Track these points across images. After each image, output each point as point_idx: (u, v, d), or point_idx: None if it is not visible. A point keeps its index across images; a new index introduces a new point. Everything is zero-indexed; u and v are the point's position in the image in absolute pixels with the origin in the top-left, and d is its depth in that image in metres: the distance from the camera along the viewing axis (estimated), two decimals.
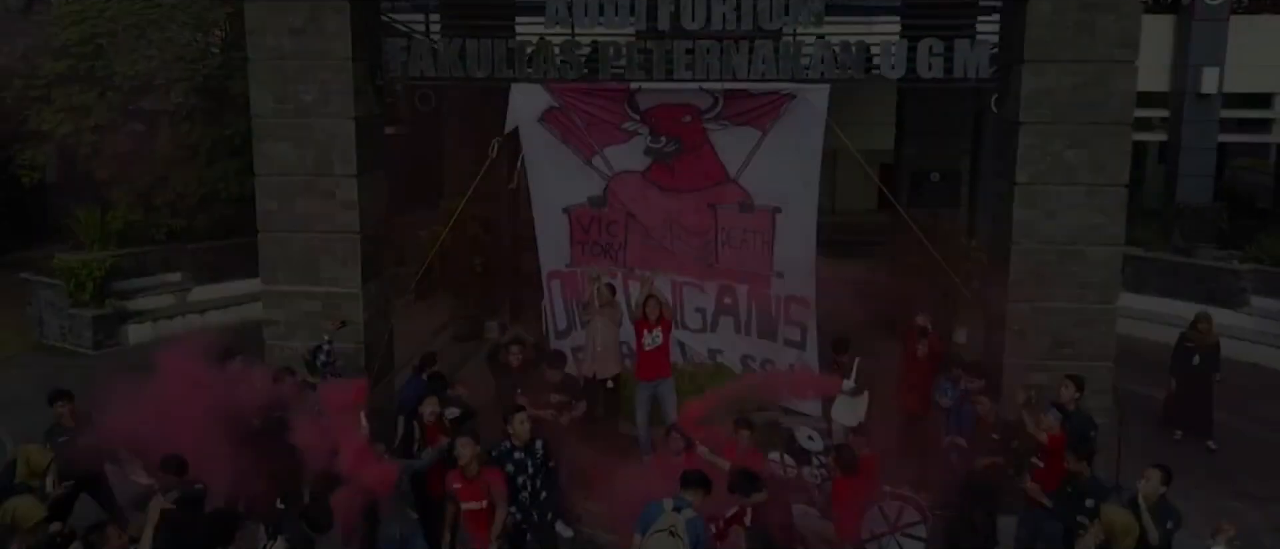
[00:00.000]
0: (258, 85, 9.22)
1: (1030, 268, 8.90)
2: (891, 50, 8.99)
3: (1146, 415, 11.95)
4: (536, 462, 7.43)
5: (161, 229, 15.20)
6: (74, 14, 14.27)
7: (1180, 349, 11.41)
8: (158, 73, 13.96)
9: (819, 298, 10.34)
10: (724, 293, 10.46)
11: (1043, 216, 8.81)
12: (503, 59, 9.24)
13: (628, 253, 10.33)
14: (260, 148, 9.33)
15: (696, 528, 6.40)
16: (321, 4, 8.97)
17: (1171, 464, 7.41)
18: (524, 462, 7.37)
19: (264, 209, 9.42)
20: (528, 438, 7.39)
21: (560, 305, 10.61)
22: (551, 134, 9.70)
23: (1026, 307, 8.97)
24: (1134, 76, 8.69)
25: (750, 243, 10.12)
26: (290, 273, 9.46)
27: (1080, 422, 8.51)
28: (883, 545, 8.29)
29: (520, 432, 7.36)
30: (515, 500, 7.31)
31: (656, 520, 6.39)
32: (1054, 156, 8.71)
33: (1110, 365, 9.12)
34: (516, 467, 7.35)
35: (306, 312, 9.49)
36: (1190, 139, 17.25)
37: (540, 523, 7.52)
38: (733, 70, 9.02)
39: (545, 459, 7.50)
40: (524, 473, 7.37)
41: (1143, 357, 14.20)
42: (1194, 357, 11.18)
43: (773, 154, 9.59)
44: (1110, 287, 8.95)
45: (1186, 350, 11.30)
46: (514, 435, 7.36)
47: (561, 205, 10.21)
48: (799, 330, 10.20)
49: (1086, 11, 8.49)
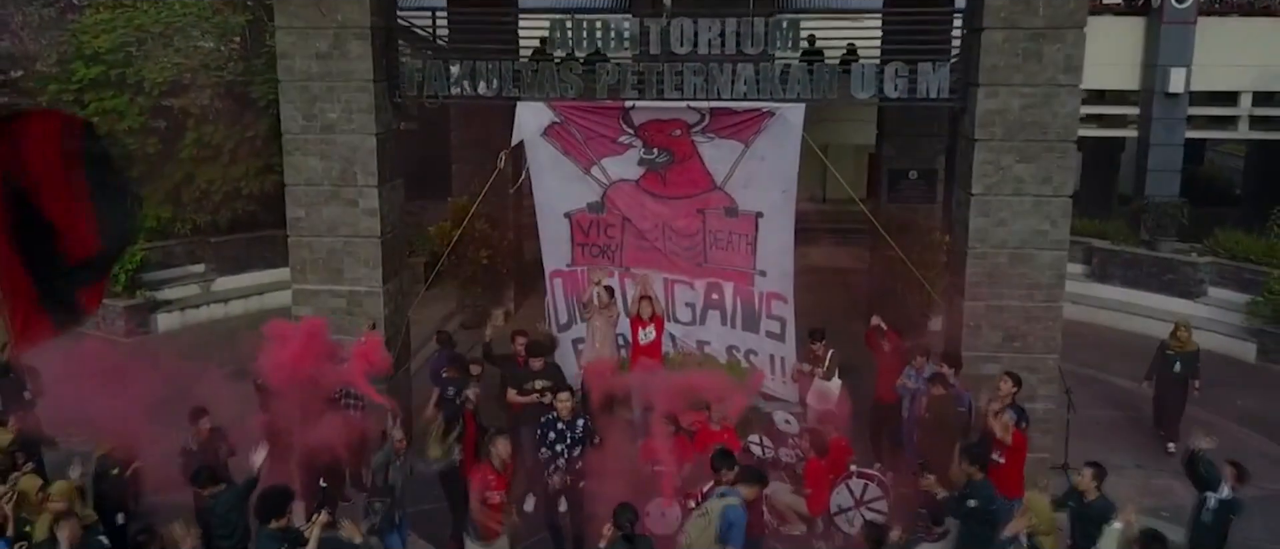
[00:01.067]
0: (288, 104, 10.18)
1: (984, 270, 9.89)
2: (862, 72, 9.95)
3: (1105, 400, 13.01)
4: (576, 435, 8.55)
5: (187, 224, 16.17)
6: (105, 22, 15.19)
7: (1160, 356, 11.64)
8: (184, 78, 14.90)
9: (809, 284, 11.30)
10: (711, 289, 11.45)
11: (995, 224, 9.79)
12: (509, 79, 10.22)
13: (624, 254, 11.30)
14: (289, 160, 10.30)
15: (731, 515, 7.20)
16: (345, 31, 9.91)
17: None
18: (564, 432, 8.51)
19: (293, 216, 10.41)
20: (571, 415, 8.55)
21: (561, 301, 11.60)
22: (554, 146, 10.65)
23: (981, 305, 9.98)
24: (1077, 98, 9.63)
25: (735, 244, 11.10)
26: (317, 273, 10.45)
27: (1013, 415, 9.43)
28: (849, 518, 9.31)
29: (564, 409, 8.53)
30: (555, 464, 8.43)
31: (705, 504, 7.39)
32: (1005, 170, 9.68)
33: (1057, 357, 10.11)
34: (557, 436, 8.51)
35: (332, 308, 10.48)
36: (1159, 136, 18.19)
37: (574, 486, 8.55)
38: (717, 90, 10.00)
39: (584, 433, 8.60)
40: (563, 442, 8.51)
41: (1106, 345, 15.31)
42: (1175, 363, 11.41)
43: (754, 164, 10.54)
44: (1056, 286, 9.93)
45: (1166, 358, 11.52)
46: (560, 411, 8.53)
47: (563, 211, 11.18)
48: (779, 323, 11.19)
49: (1034, 41, 9.43)
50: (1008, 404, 8.99)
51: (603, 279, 10.55)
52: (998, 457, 8.78)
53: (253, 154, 15.60)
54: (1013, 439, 8.74)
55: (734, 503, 7.36)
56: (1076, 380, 13.37)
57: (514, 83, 10.22)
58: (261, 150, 15.56)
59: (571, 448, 8.55)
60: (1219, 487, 8.09)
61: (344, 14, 9.85)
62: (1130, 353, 14.80)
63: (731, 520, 7.25)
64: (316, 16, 9.83)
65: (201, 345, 14.28)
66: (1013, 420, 8.90)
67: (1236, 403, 11.74)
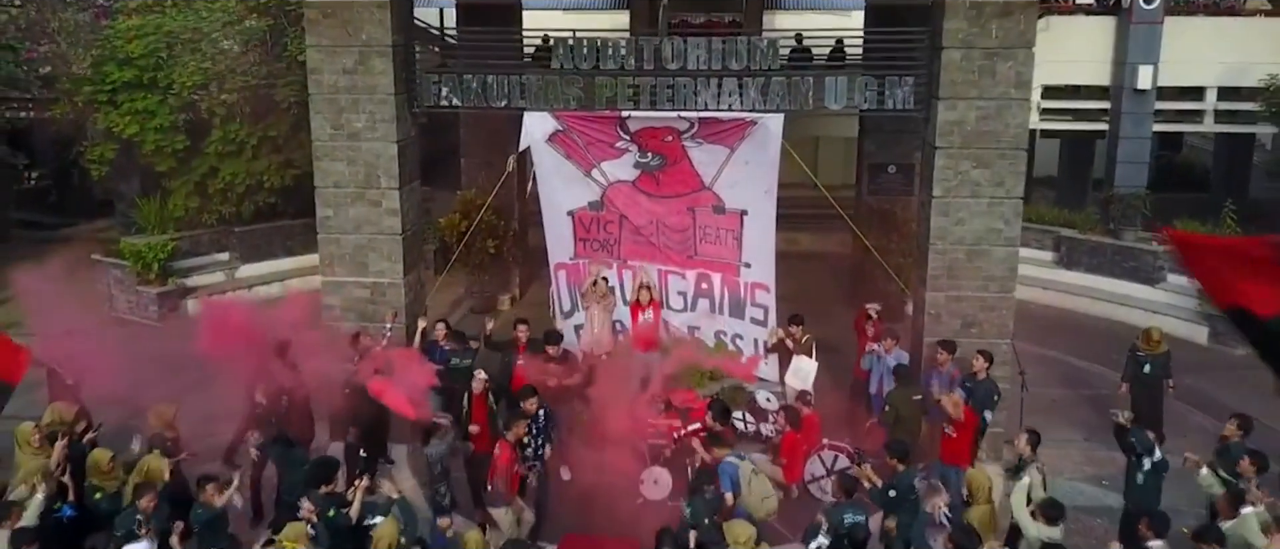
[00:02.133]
0: (317, 114, 11.28)
1: (944, 264, 11.02)
2: (835, 85, 11.03)
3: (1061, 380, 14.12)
4: (539, 426, 9.64)
5: (214, 215, 17.26)
6: (137, 29, 16.24)
7: (1132, 358, 11.98)
8: (211, 81, 15.97)
9: (797, 268, 12.39)
10: (701, 279, 12.58)
11: (954, 223, 10.91)
12: (517, 92, 11.33)
13: (621, 247, 12.43)
14: (319, 165, 11.41)
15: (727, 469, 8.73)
16: (369, 49, 10.99)
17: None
18: (530, 427, 9.56)
19: (322, 215, 11.53)
20: (535, 410, 9.61)
21: (565, 291, 12.74)
22: (558, 151, 11.76)
23: (942, 295, 11.11)
24: (1026, 110, 10.70)
25: (723, 239, 12.22)
26: (344, 267, 11.59)
27: (986, 388, 10.65)
28: (821, 486, 10.48)
29: (529, 408, 9.57)
30: (524, 454, 9.52)
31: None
32: (963, 175, 10.78)
33: (1010, 342, 11.24)
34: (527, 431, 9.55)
35: (357, 298, 11.64)
36: (1127, 129, 19.20)
37: (542, 469, 9.72)
38: (705, 102, 11.09)
39: (546, 423, 9.71)
40: (530, 434, 9.59)
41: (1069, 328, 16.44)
42: (1145, 365, 11.75)
43: (739, 167, 11.64)
44: (1009, 279, 11.05)
45: (1138, 359, 11.85)
46: (526, 409, 9.55)
47: (566, 209, 12.30)
48: (762, 310, 12.33)
49: (988, 59, 10.50)
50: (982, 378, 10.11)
51: (601, 272, 11.68)
52: (950, 430, 9.95)
53: (274, 150, 16.67)
54: (962, 415, 9.89)
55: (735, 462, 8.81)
56: (1038, 361, 14.58)
57: (521, 95, 11.32)
58: (282, 147, 16.65)
59: (536, 438, 9.60)
60: (1153, 451, 9.17)
61: (367, 33, 10.93)
62: (1091, 335, 16.02)
63: (729, 474, 8.64)
64: (343, 36, 10.92)
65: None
66: (962, 397, 10.06)
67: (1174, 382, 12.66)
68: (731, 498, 8.63)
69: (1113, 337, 15.77)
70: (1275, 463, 9.11)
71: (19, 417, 9.58)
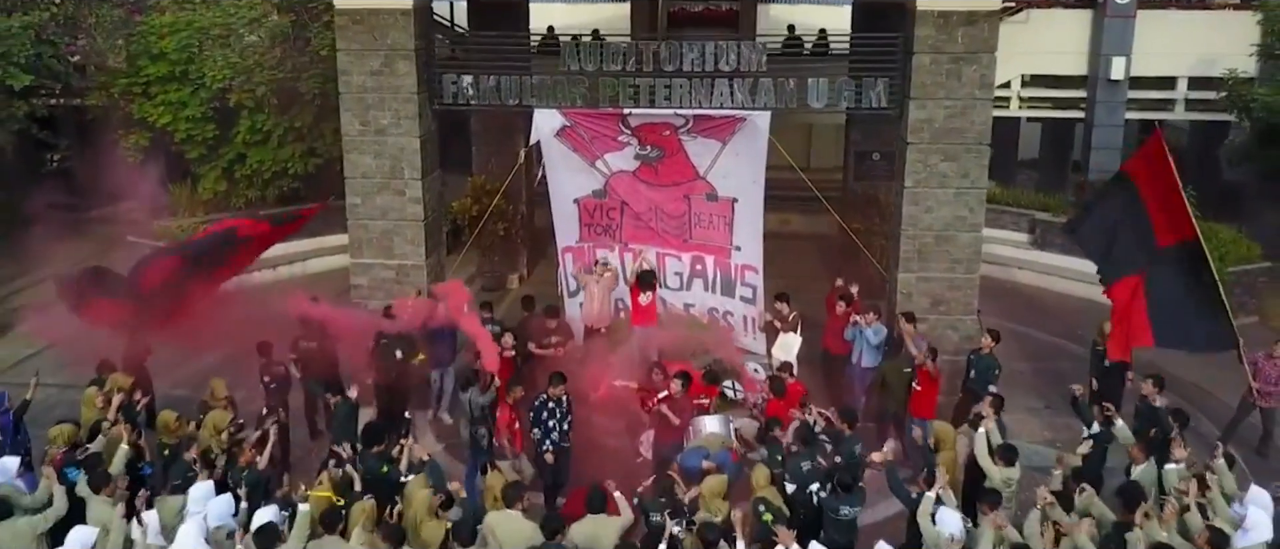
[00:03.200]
0: (346, 111, 12.41)
1: (915, 248, 12.19)
2: (817, 86, 12.14)
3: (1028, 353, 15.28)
4: (563, 409, 10.62)
5: (241, 199, 18.40)
6: (169, 25, 17.32)
7: (1094, 352, 12.53)
8: (239, 74, 17.07)
9: (788, 248, 13.47)
10: (696, 261, 13.72)
11: (924, 211, 12.07)
12: (528, 91, 12.44)
13: (623, 232, 13.57)
14: (349, 158, 12.56)
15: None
16: (394, 53, 12.11)
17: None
18: (555, 409, 10.54)
19: (351, 203, 12.69)
20: (560, 394, 10.57)
21: (570, 273, 13.90)
22: (565, 145, 12.88)
23: (913, 276, 12.29)
24: (990, 109, 11.82)
25: (715, 224, 13.36)
26: (371, 250, 12.76)
27: (988, 362, 11.66)
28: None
29: (556, 392, 10.52)
30: (548, 434, 10.54)
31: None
32: (932, 168, 11.92)
33: (975, 317, 12.41)
34: (550, 412, 10.51)
35: (383, 278, 12.82)
36: (1102, 117, 20.37)
37: (562, 448, 10.66)
38: (699, 100, 12.21)
39: (568, 407, 10.69)
40: (555, 417, 10.55)
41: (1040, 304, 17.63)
42: (1102, 360, 12.19)
43: (731, 159, 12.75)
44: (974, 261, 12.24)
45: (1098, 353, 12.35)
46: (551, 394, 10.50)
47: (573, 197, 13.44)
48: (751, 290, 13.48)
49: (955, 63, 11.62)
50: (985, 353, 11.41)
51: (605, 257, 12.89)
52: (917, 386, 11.15)
53: (298, 139, 17.80)
54: (933, 375, 11.08)
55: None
56: (1009, 336, 15.69)
57: (531, 94, 12.44)
58: (305, 136, 17.77)
59: (561, 421, 10.49)
60: (1092, 424, 10.34)
61: (393, 38, 12.05)
62: (1060, 312, 17.20)
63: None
64: (371, 41, 12.04)
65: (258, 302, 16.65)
66: (932, 359, 11.23)
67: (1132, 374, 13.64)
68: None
69: (1080, 313, 16.98)
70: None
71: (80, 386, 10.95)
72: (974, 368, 11.51)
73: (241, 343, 11.68)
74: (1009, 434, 10.36)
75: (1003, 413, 11.43)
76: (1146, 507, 7.87)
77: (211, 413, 9.95)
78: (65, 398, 11.86)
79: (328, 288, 14.99)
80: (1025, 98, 21.27)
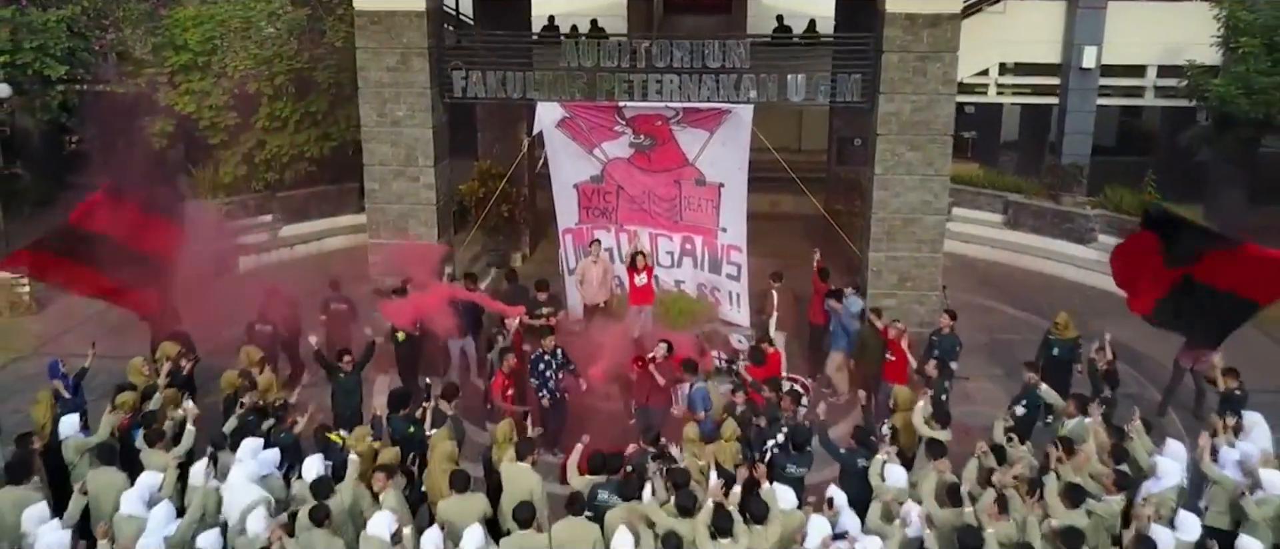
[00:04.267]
0: (365, 104, 13.56)
1: (884, 230, 13.37)
2: (795, 81, 13.27)
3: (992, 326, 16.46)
4: (557, 360, 11.95)
5: (260, 182, 19.54)
6: (193, 18, 18.42)
7: (1044, 342, 12.91)
8: (259, 65, 18.19)
9: (778, 227, 14.63)
10: (686, 241, 14.88)
11: (892, 196, 13.24)
12: (531, 85, 13.58)
13: (619, 214, 14.74)
14: (367, 147, 13.72)
15: (699, 392, 11.02)
16: (409, 51, 13.25)
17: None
18: (551, 362, 11.86)
19: (369, 188, 13.86)
20: (552, 346, 11.91)
21: (571, 252, 15.06)
22: (565, 134, 14.03)
23: (883, 255, 13.47)
24: (952, 104, 12.97)
25: (703, 207, 14.51)
26: (388, 231, 13.95)
27: (950, 341, 12.72)
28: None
29: (547, 346, 11.86)
30: (546, 384, 11.89)
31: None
32: (899, 156, 13.09)
33: (938, 293, 13.61)
34: (546, 364, 11.86)
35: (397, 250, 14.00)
36: (1074, 104, 21.44)
37: (559, 398, 12.02)
38: (688, 94, 13.35)
39: (563, 359, 12.00)
40: (551, 369, 11.89)
41: (1009, 281, 18.81)
42: (1054, 348, 12.59)
43: (717, 147, 13.89)
44: (937, 242, 13.43)
45: (1048, 343, 12.75)
46: (545, 347, 11.84)
47: (572, 182, 14.59)
48: (736, 268, 14.64)
49: (921, 61, 12.75)
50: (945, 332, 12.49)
51: (599, 240, 14.13)
52: (891, 357, 12.34)
53: (314, 125, 18.93)
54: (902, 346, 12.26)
55: (701, 385, 11.15)
56: (978, 310, 17.05)
57: (534, 88, 13.59)
58: (320, 122, 18.90)
59: (556, 372, 11.82)
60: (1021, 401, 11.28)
61: (408, 38, 13.19)
62: (1028, 288, 18.38)
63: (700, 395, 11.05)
64: (388, 41, 13.18)
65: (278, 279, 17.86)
66: (899, 332, 12.40)
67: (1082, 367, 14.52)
68: (702, 415, 11.02)
69: (1047, 289, 18.24)
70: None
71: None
72: (937, 347, 12.61)
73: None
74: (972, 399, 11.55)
75: (967, 380, 12.74)
76: (1058, 453, 9.08)
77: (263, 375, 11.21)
78: (102, 366, 12.97)
79: (343, 266, 16.15)
80: (1002, 85, 22.36)
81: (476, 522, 8.35)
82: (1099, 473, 9.09)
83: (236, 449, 9.36)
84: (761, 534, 8.04)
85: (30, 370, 14.45)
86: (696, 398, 11.10)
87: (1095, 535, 8.74)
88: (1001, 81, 22.31)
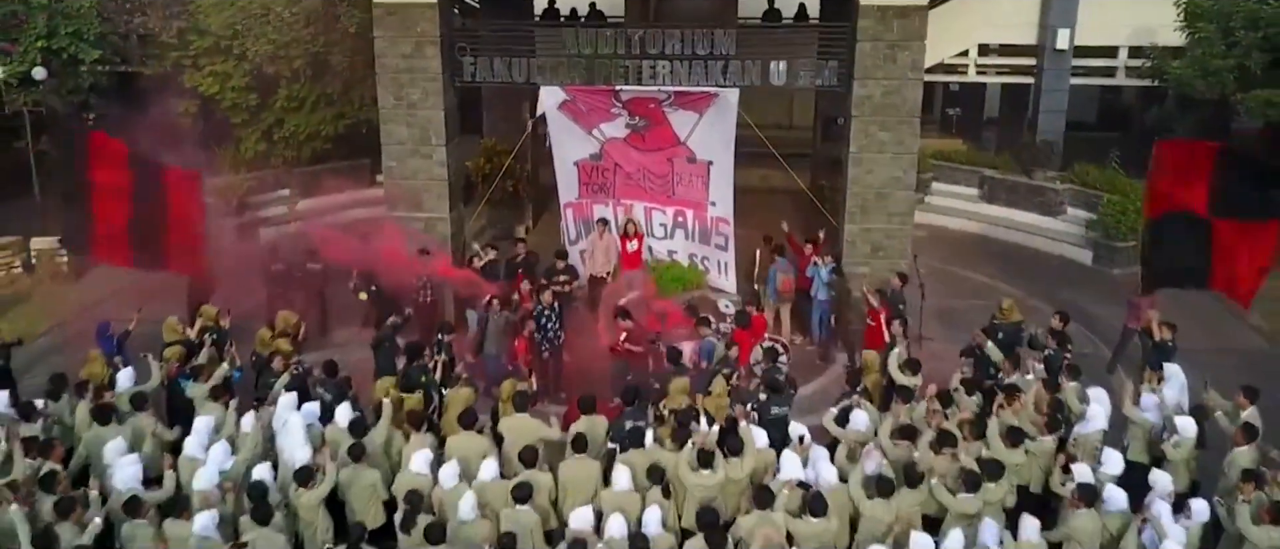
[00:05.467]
0: (383, 89, 14.73)
1: (859, 204, 14.58)
2: (777, 67, 14.43)
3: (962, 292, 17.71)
4: (556, 314, 13.29)
5: (278, 158, 20.74)
6: (215, 4, 19.55)
7: (990, 327, 13.03)
8: (279, 49, 19.33)
9: (768, 201, 16.02)
10: (678, 214, 16.12)
11: (866, 173, 14.44)
12: (535, 70, 14.75)
13: (616, 189, 15.96)
14: (385, 128, 14.90)
15: (707, 345, 12.34)
16: (423, 40, 14.39)
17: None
18: (550, 315, 13.23)
19: (387, 165, 15.06)
20: (551, 303, 13.24)
21: (572, 224, 16.31)
22: (566, 116, 15.21)
23: (857, 227, 14.70)
24: (920, 88, 14.09)
25: (694, 183, 15.73)
26: (404, 205, 15.14)
27: (896, 297, 14.08)
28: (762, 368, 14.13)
29: (546, 300, 13.20)
30: (547, 336, 13.21)
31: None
32: (872, 136, 14.28)
33: (909, 261, 14.84)
34: (547, 318, 13.22)
35: (414, 229, 15.20)
36: (1049, 83, 22.56)
37: (557, 347, 13.36)
38: (679, 79, 14.51)
39: (559, 312, 13.34)
40: (551, 322, 13.26)
41: (982, 251, 20.06)
42: (999, 332, 12.74)
43: (706, 128, 15.07)
44: (908, 215, 14.63)
45: (993, 327, 12.95)
46: (544, 304, 13.19)
47: (573, 160, 15.80)
48: (724, 238, 15.87)
49: (891, 49, 13.90)
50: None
51: (603, 218, 15.39)
52: (871, 321, 13.60)
53: (329, 105, 20.11)
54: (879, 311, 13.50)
55: (710, 339, 12.49)
56: (951, 278, 18.33)
57: (537, 73, 14.76)
58: (335, 102, 20.07)
59: (554, 323, 13.30)
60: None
61: (422, 28, 14.34)
62: (1000, 258, 19.65)
63: (709, 349, 12.39)
64: (403, 30, 14.33)
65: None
66: (878, 299, 13.63)
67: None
68: (704, 363, 12.30)
69: (1018, 259, 19.54)
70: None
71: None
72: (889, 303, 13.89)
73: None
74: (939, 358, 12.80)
75: (933, 341, 13.99)
76: (1001, 400, 10.37)
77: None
78: (141, 331, 14.13)
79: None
80: (982, 65, 23.50)
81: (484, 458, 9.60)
82: (1035, 418, 10.38)
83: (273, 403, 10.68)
84: (737, 465, 9.33)
85: (75, 333, 15.75)
86: (706, 349, 12.41)
87: (1031, 470, 10.09)
88: (981, 62, 23.44)
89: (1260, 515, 8.67)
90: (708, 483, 9.13)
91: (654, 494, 9.14)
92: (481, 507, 8.96)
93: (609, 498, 9.03)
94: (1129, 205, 18.46)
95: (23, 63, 18.13)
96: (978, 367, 11.91)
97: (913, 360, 11.68)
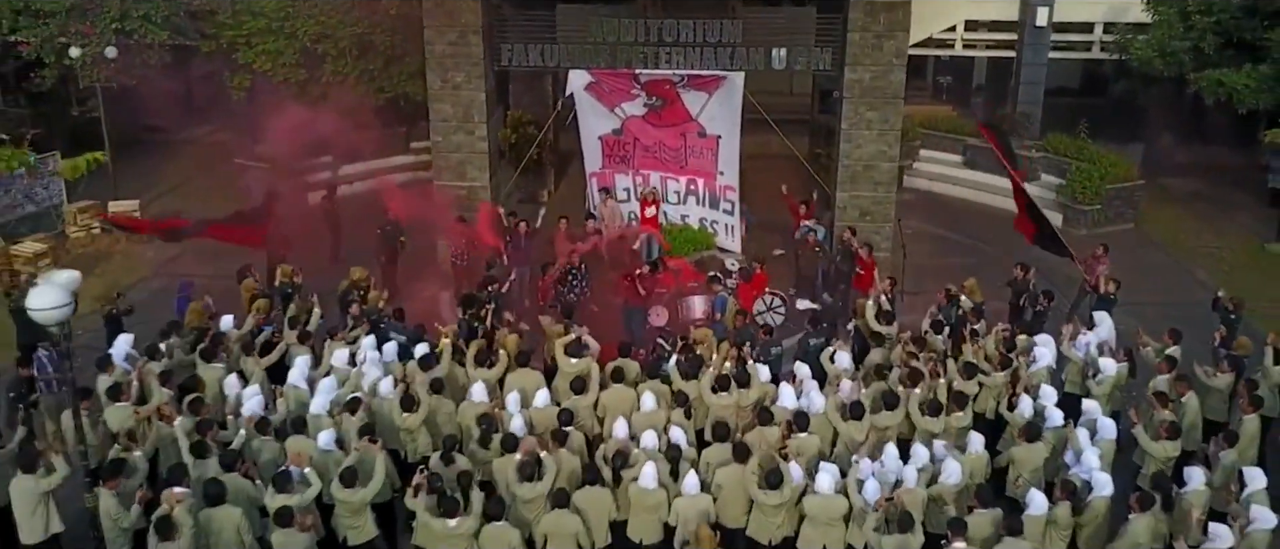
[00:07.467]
0: (431, 72, 16.73)
1: (848, 174, 16.66)
2: (778, 54, 16.41)
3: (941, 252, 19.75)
4: (582, 274, 15.41)
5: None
6: None
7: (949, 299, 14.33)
8: (325, 28, 21.25)
9: (770, 166, 18.27)
10: (690, 183, 18.20)
11: (854, 147, 16.50)
12: (564, 56, 16.71)
13: (635, 161, 18.03)
14: (433, 107, 16.93)
15: (720, 299, 14.46)
16: (466, 28, 16.36)
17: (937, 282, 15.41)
18: (577, 274, 15.35)
19: (434, 140, 17.12)
20: (578, 263, 15.35)
21: (596, 191, 18.39)
22: (591, 96, 17.26)
23: (846, 194, 16.79)
24: (903, 73, 16.11)
25: (705, 156, 17.80)
26: (450, 175, 17.22)
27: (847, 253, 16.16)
28: (762, 317, 16.29)
29: (575, 260, 15.30)
30: (573, 291, 15.32)
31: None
32: (861, 115, 16.31)
33: (893, 224, 16.94)
34: (574, 278, 15.33)
35: (458, 196, 17.27)
36: (1028, 57, 24.37)
37: (578, 299, 15.43)
38: (691, 64, 16.50)
39: (586, 272, 15.45)
40: (578, 279, 15.38)
41: (962, 213, 22.07)
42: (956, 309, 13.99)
43: (716, 106, 17.12)
44: (891, 184, 16.72)
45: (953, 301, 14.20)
46: (572, 263, 15.29)
47: (597, 134, 17.87)
48: (731, 204, 17.98)
49: (878, 38, 15.89)
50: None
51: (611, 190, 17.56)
52: (860, 270, 15.72)
53: (370, 80, 22.05)
54: (867, 261, 15.62)
55: (723, 295, 14.63)
56: (932, 238, 20.38)
57: (566, 58, 16.75)
58: (377, 77, 22.01)
59: (581, 280, 15.36)
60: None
61: (465, 19, 16.31)
62: (978, 220, 21.64)
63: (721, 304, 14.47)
64: (449, 20, 16.30)
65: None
66: (867, 252, 15.74)
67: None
68: (718, 315, 14.44)
69: (995, 220, 21.47)
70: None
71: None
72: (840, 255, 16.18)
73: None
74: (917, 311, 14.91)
75: (916, 295, 16.10)
76: (965, 344, 12.55)
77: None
78: (216, 285, 16.10)
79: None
80: (969, 40, 25.35)
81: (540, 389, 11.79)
82: (991, 355, 12.55)
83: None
84: (745, 394, 11.54)
85: (155, 287, 17.94)
86: (718, 304, 14.56)
87: (986, 401, 12.28)
88: (968, 37, 25.27)
89: (1158, 432, 10.86)
90: (723, 402, 11.36)
91: (677, 415, 11.34)
92: (531, 426, 11.14)
93: (640, 418, 11.23)
94: (1094, 172, 20.50)
95: (99, 45, 20.04)
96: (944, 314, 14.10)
97: (886, 312, 13.80)
